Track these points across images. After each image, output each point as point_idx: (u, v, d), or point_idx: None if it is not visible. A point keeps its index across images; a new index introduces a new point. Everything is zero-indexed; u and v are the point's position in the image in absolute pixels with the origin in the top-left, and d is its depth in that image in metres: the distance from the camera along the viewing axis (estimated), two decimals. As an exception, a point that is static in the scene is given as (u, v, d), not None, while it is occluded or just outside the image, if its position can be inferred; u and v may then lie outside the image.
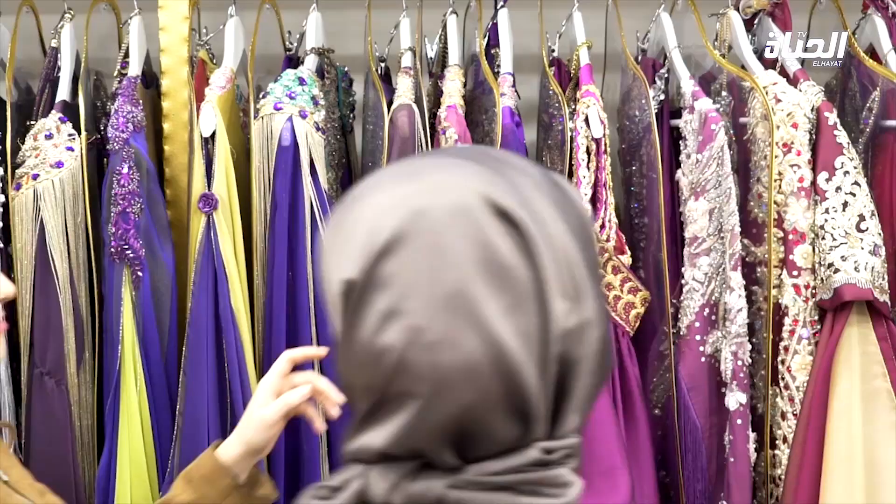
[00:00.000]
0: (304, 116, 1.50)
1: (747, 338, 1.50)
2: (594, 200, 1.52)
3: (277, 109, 1.49)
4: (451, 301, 0.61)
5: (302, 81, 1.54)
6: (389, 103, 1.52)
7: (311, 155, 1.49)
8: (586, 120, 1.52)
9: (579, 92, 1.58)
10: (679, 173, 1.57)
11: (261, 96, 1.53)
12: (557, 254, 0.63)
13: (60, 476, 1.47)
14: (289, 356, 1.21)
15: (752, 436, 1.51)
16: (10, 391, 1.51)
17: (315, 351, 1.29)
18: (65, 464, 1.49)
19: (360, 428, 0.66)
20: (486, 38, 1.72)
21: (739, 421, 1.49)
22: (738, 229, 1.50)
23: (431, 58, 1.79)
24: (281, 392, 1.19)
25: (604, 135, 1.52)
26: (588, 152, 1.52)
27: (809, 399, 1.49)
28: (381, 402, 0.64)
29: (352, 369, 0.66)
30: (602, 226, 1.51)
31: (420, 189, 0.64)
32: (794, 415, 1.50)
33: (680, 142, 1.59)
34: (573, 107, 1.56)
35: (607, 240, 1.51)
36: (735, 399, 1.49)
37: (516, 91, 1.63)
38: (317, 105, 1.54)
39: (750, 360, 1.51)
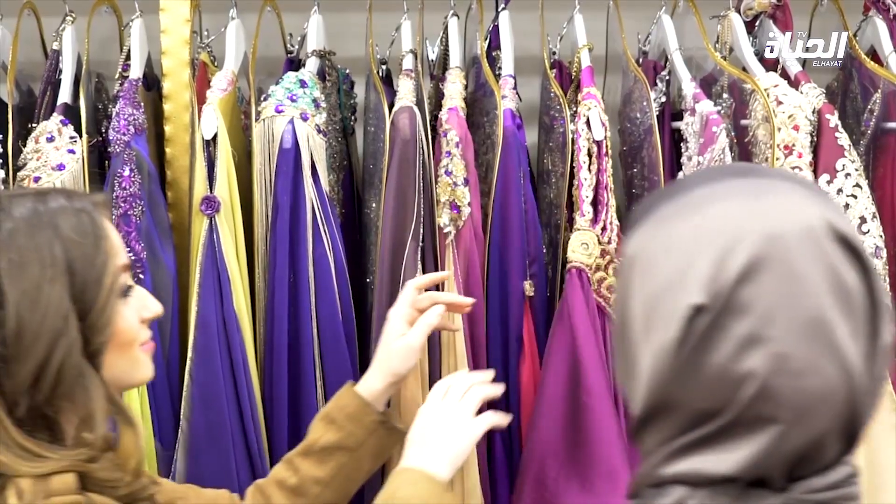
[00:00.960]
0: (305, 119, 1.50)
1: (749, 340, 1.50)
2: (595, 203, 1.51)
3: (279, 112, 1.49)
4: (811, 328, 0.61)
5: (303, 84, 1.54)
6: (391, 105, 1.51)
7: (312, 157, 1.49)
8: (587, 122, 1.51)
9: (580, 94, 1.58)
10: (680, 175, 1.57)
11: (262, 98, 1.53)
12: (881, 277, 0.65)
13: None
14: (415, 284, 1.27)
15: (754, 438, 1.51)
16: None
17: (439, 275, 1.34)
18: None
19: (691, 451, 0.65)
20: (488, 41, 1.72)
21: (741, 423, 1.49)
22: (739, 231, 1.49)
23: (433, 60, 1.79)
24: (411, 319, 1.24)
25: (605, 137, 1.52)
26: (589, 154, 1.51)
27: (811, 401, 1.49)
28: (728, 427, 0.64)
29: (695, 392, 0.65)
30: (604, 228, 1.50)
31: (765, 211, 0.64)
32: (796, 417, 1.50)
33: (681, 144, 1.59)
34: (574, 109, 1.56)
35: (609, 242, 1.51)
36: (737, 401, 1.49)
37: (517, 93, 1.63)
38: (318, 107, 1.54)
39: (751, 362, 1.51)
